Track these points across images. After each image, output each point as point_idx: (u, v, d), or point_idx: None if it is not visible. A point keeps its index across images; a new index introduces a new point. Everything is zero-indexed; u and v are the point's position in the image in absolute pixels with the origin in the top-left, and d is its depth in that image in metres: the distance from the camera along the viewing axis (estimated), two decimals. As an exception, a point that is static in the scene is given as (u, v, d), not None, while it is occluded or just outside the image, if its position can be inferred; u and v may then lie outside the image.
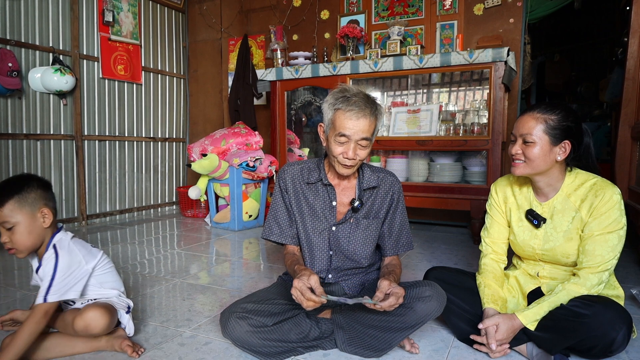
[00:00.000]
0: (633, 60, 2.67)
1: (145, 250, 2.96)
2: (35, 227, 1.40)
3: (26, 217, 1.37)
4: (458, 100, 3.68)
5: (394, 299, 1.26)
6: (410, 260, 2.69)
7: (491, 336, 1.40)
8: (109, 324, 1.44)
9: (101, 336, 1.49)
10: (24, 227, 1.37)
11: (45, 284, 1.36)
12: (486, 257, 1.65)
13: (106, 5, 3.91)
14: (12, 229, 1.36)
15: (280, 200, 1.61)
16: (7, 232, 1.37)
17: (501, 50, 2.91)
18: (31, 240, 1.40)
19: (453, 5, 3.58)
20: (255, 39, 4.49)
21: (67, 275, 1.40)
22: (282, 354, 1.43)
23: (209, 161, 3.48)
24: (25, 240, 1.39)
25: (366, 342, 1.44)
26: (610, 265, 1.37)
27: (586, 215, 1.41)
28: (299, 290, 1.26)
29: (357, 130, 1.40)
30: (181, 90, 4.88)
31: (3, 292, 2.10)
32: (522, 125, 1.44)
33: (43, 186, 1.43)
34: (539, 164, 1.42)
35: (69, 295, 1.41)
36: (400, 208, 1.60)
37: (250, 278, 2.35)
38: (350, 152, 1.42)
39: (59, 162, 3.66)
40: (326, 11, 4.12)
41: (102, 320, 1.42)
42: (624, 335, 1.26)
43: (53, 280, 1.37)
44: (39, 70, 3.38)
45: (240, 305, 1.42)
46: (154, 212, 4.52)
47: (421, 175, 3.40)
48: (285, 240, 1.59)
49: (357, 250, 1.55)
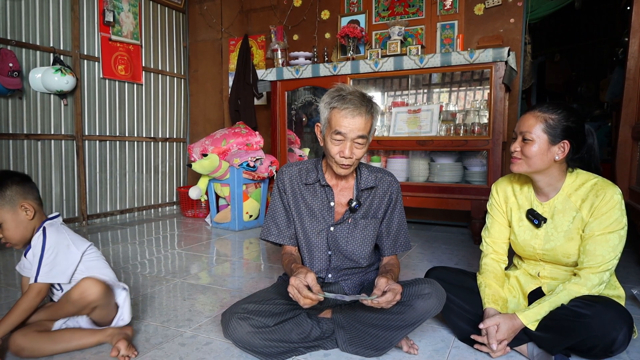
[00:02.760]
0: (633, 60, 2.67)
1: (145, 250, 2.97)
2: (20, 221, 1.46)
3: (8, 214, 1.43)
4: (458, 100, 3.68)
5: (391, 294, 1.26)
6: (411, 260, 2.69)
7: (492, 336, 1.40)
8: (104, 292, 1.46)
9: (106, 328, 1.50)
10: (9, 224, 1.44)
11: (35, 263, 1.43)
12: (487, 257, 1.65)
13: (107, 5, 3.92)
14: (1, 226, 1.44)
15: (279, 201, 1.61)
16: None
17: (502, 50, 2.91)
18: (20, 233, 1.47)
19: (453, 5, 3.58)
20: (255, 39, 4.49)
21: (56, 254, 1.45)
22: (284, 354, 1.43)
23: (209, 161, 3.48)
24: (15, 234, 1.46)
25: (367, 341, 1.44)
26: (611, 265, 1.37)
27: (587, 215, 1.41)
28: (296, 288, 1.26)
29: (353, 128, 1.40)
30: (181, 90, 4.88)
31: (3, 292, 2.10)
32: (522, 123, 1.45)
33: (19, 181, 1.47)
34: (536, 162, 1.43)
35: (60, 279, 1.47)
36: (398, 208, 1.60)
37: (251, 278, 2.35)
38: (347, 150, 1.42)
39: (60, 162, 3.66)
40: (327, 11, 4.12)
41: (96, 287, 1.44)
42: (624, 335, 1.26)
43: (42, 259, 1.43)
44: (40, 71, 3.38)
45: (242, 305, 1.42)
46: (155, 212, 4.52)
47: (422, 175, 3.40)
48: (283, 241, 1.59)
49: (356, 250, 1.55)
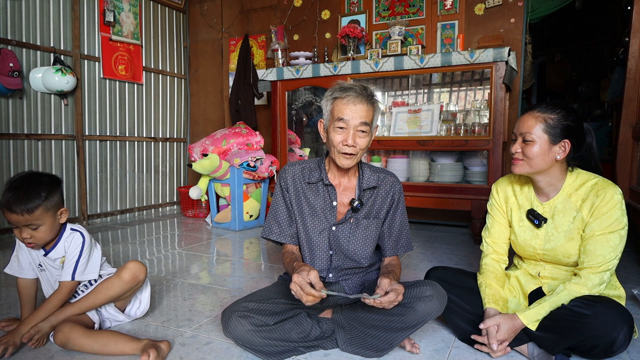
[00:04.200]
0: (634, 60, 2.67)
1: (146, 250, 2.97)
2: (55, 224, 1.53)
3: (50, 218, 1.50)
4: (459, 100, 3.67)
5: (394, 294, 1.26)
6: (411, 260, 2.69)
7: (492, 336, 1.40)
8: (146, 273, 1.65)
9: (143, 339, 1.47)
10: (47, 227, 1.50)
11: (71, 263, 1.54)
12: (487, 257, 1.65)
13: (107, 5, 3.92)
14: (37, 228, 1.48)
15: (281, 200, 1.61)
16: (30, 230, 1.47)
17: (502, 50, 2.91)
18: (51, 236, 1.53)
19: (454, 5, 3.58)
20: (256, 39, 4.49)
21: (89, 254, 1.59)
22: (283, 354, 1.43)
23: (209, 161, 3.48)
24: (47, 236, 1.51)
25: (367, 342, 1.44)
26: (612, 265, 1.37)
27: (587, 215, 1.41)
28: (299, 285, 1.26)
29: (355, 115, 1.42)
30: (182, 90, 4.88)
31: (4, 292, 2.10)
32: (522, 124, 1.44)
33: (60, 186, 1.55)
34: (538, 163, 1.43)
35: (92, 276, 1.60)
36: (400, 209, 1.60)
37: (251, 278, 2.35)
38: (350, 139, 1.43)
39: (60, 162, 3.66)
40: (327, 11, 4.12)
41: (144, 268, 1.63)
42: (625, 335, 1.26)
43: (80, 259, 1.56)
44: (40, 70, 3.38)
45: (242, 304, 1.42)
46: (155, 212, 4.52)
47: (422, 175, 3.40)
48: (285, 240, 1.59)
49: (357, 250, 1.55)
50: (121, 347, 1.45)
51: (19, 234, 1.48)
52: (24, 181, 1.46)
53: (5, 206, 1.43)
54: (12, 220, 1.45)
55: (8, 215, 1.44)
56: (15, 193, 1.42)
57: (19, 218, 1.43)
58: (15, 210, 1.42)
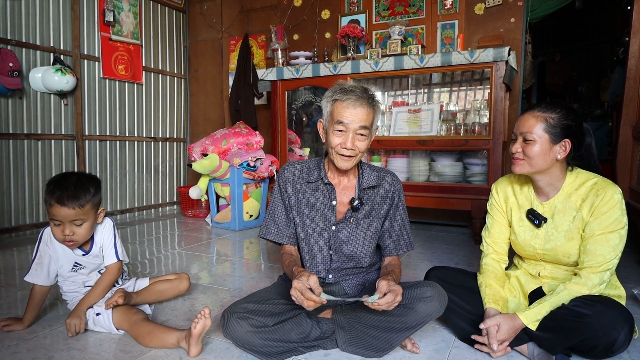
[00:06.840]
0: (634, 60, 2.67)
1: (146, 250, 2.96)
2: (94, 223, 1.60)
3: (93, 215, 1.58)
4: (459, 100, 3.67)
5: (392, 295, 1.26)
6: (411, 260, 2.69)
7: (492, 336, 1.40)
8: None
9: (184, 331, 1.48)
10: (89, 223, 1.56)
11: (110, 246, 1.66)
12: (487, 257, 1.65)
13: (107, 5, 3.91)
14: (81, 224, 1.53)
15: (279, 200, 1.60)
16: (74, 227, 1.52)
17: (502, 50, 2.91)
18: (90, 234, 1.60)
19: (454, 4, 3.57)
20: (255, 38, 4.49)
21: (119, 235, 1.72)
22: (283, 354, 1.43)
23: (209, 161, 3.48)
24: (87, 234, 1.58)
25: (367, 342, 1.43)
26: (612, 265, 1.37)
27: (587, 214, 1.41)
28: (299, 291, 1.26)
29: (355, 118, 1.41)
30: (182, 90, 4.88)
31: (4, 292, 2.10)
32: (522, 124, 1.44)
33: (101, 185, 1.63)
34: (539, 162, 1.42)
35: (126, 258, 1.74)
36: (400, 208, 1.60)
37: (251, 278, 2.35)
38: (349, 142, 1.42)
39: (60, 162, 3.66)
40: (327, 11, 4.12)
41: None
42: (625, 335, 1.26)
43: (116, 240, 1.68)
44: (40, 70, 3.38)
45: (241, 305, 1.42)
46: (155, 212, 4.52)
47: (422, 175, 3.40)
48: (282, 240, 1.59)
49: (357, 250, 1.55)
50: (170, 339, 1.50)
51: (61, 232, 1.51)
52: (71, 179, 1.52)
53: (57, 201, 1.46)
54: (60, 215, 1.48)
55: (57, 210, 1.47)
56: (66, 188, 1.48)
57: (69, 212, 1.48)
58: (67, 204, 1.47)
